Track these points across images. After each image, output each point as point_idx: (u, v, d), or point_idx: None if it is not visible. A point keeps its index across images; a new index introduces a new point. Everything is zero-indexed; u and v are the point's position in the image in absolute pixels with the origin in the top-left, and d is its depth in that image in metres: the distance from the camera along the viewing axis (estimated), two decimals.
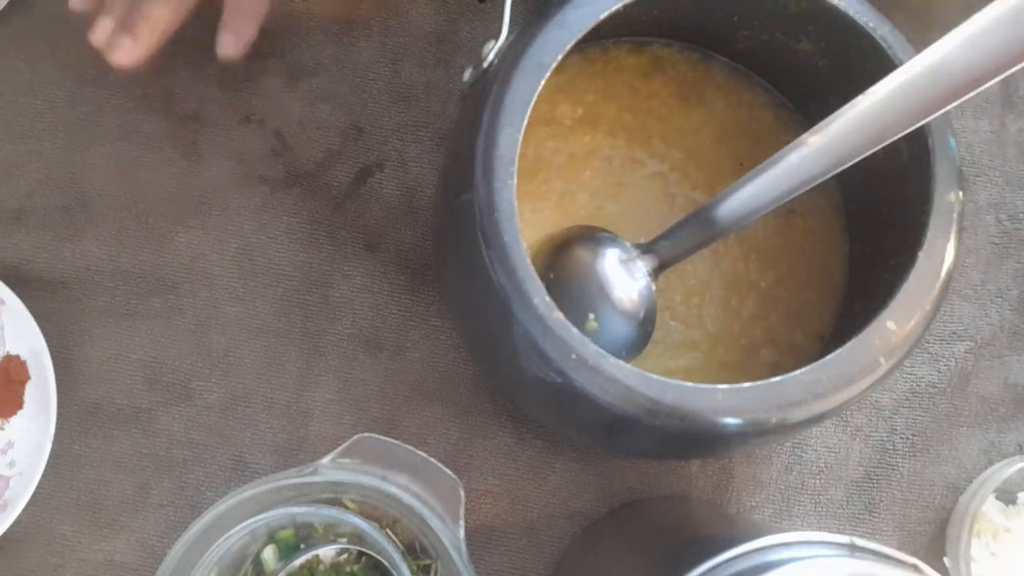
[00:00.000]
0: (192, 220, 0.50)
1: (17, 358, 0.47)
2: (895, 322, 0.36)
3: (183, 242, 0.50)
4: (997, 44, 0.29)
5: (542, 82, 0.37)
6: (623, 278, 0.41)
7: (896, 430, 0.49)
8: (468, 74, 0.41)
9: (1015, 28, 0.29)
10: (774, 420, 0.35)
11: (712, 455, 0.48)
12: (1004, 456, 0.49)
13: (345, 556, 0.43)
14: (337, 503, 0.40)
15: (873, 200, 0.44)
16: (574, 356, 0.35)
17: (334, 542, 0.42)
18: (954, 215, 0.38)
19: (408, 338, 0.49)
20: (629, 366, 0.35)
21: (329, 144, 0.51)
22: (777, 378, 0.35)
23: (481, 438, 0.48)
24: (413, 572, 0.39)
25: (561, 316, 0.35)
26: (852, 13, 0.39)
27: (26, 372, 0.47)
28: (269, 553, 0.42)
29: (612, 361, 0.35)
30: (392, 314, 0.49)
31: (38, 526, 0.47)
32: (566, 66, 0.43)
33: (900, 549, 0.31)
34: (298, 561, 0.42)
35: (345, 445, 0.41)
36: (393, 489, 0.39)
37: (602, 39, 0.46)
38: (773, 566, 0.31)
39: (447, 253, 0.42)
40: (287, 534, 0.42)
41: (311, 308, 0.49)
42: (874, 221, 0.44)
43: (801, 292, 0.46)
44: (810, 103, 0.46)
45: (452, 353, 0.49)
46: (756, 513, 0.49)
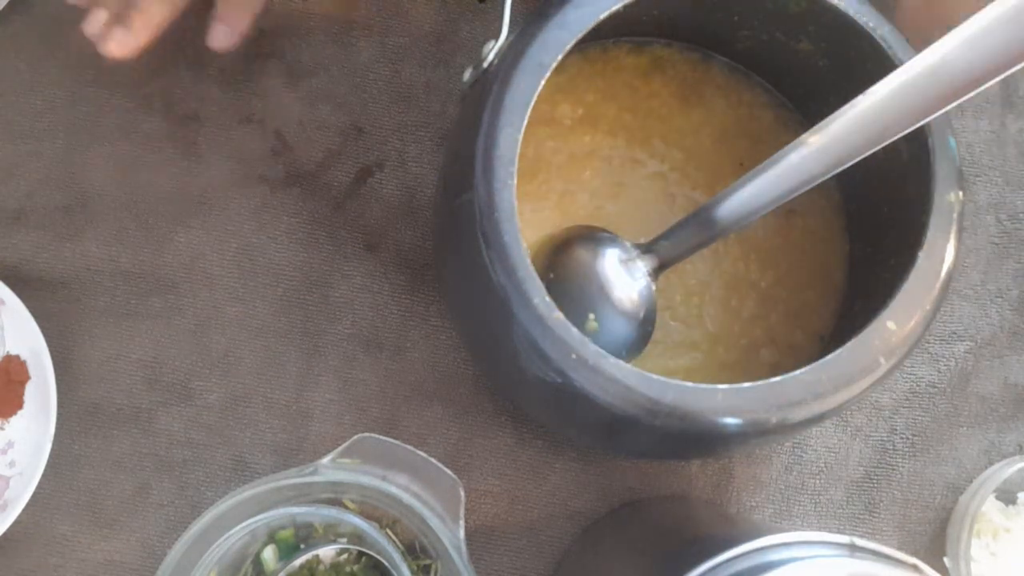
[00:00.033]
0: (192, 220, 0.50)
1: (17, 358, 0.47)
2: (895, 322, 0.36)
3: (183, 242, 0.50)
4: (997, 44, 0.29)
5: (542, 82, 0.37)
6: (623, 278, 0.41)
7: (896, 430, 0.49)
8: (468, 74, 0.41)
9: (1015, 28, 0.29)
10: (774, 420, 0.35)
11: (712, 455, 0.48)
12: (1004, 456, 0.49)
13: (345, 556, 0.43)
14: (337, 503, 0.40)
15: (873, 200, 0.44)
16: (574, 356, 0.35)
17: (334, 542, 0.42)
18: (954, 215, 0.37)
19: (408, 338, 0.49)
20: (629, 366, 0.35)
21: (329, 144, 0.51)
22: (777, 378, 0.35)
23: (481, 438, 0.48)
24: (413, 572, 0.39)
25: (561, 316, 0.35)
26: (852, 13, 0.39)
27: (26, 372, 0.47)
28: (269, 553, 0.42)
29: (612, 361, 0.35)
30: (392, 314, 0.49)
31: (38, 526, 0.47)
32: (566, 66, 0.43)
33: (900, 549, 0.31)
34: (298, 561, 0.42)
35: (345, 445, 0.41)
36: (393, 489, 0.39)
37: (602, 39, 0.46)
38: (773, 566, 0.31)
39: (447, 253, 0.42)
40: (287, 534, 0.42)
41: (311, 308, 0.49)
42: (874, 221, 0.44)
43: (801, 292, 0.46)
44: (810, 103, 0.46)
45: (452, 353, 0.49)
46: (756, 513, 0.49)
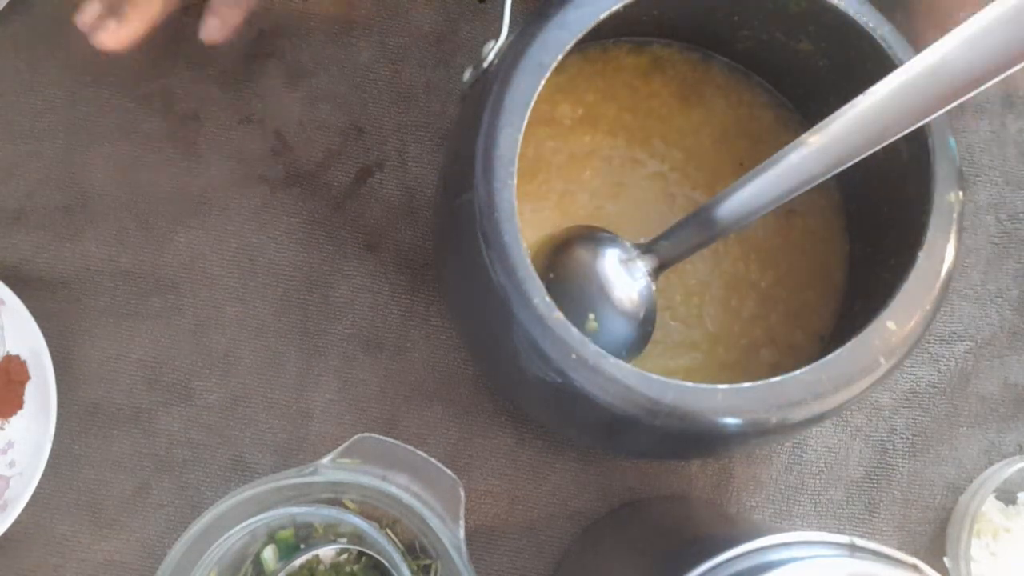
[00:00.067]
0: (192, 220, 0.50)
1: (17, 358, 0.47)
2: (895, 322, 0.36)
3: (183, 242, 0.50)
4: (997, 44, 0.29)
5: (542, 82, 0.37)
6: (623, 278, 0.41)
7: (896, 430, 0.49)
8: (468, 74, 0.41)
9: (1015, 28, 0.29)
10: (774, 420, 0.35)
11: (712, 455, 0.48)
12: (1004, 456, 0.49)
13: (345, 556, 0.43)
14: (337, 503, 0.40)
15: (873, 200, 0.44)
16: (574, 356, 0.35)
17: (334, 542, 0.42)
18: (954, 215, 0.38)
19: (408, 338, 0.49)
20: (629, 366, 0.35)
21: (329, 144, 0.51)
22: (777, 378, 0.35)
23: (481, 438, 0.48)
24: (413, 572, 0.39)
25: (561, 316, 0.35)
26: (852, 13, 0.39)
27: (26, 372, 0.47)
28: (269, 553, 0.42)
29: (612, 361, 0.35)
30: (392, 314, 0.49)
31: (38, 526, 0.47)
32: (566, 66, 0.43)
33: (900, 549, 0.31)
34: (298, 561, 0.42)
35: (345, 445, 0.41)
36: (393, 489, 0.39)
37: (602, 39, 0.46)
38: (773, 566, 0.31)
39: (447, 253, 0.42)
40: (287, 534, 0.42)
41: (311, 308, 0.49)
42: (874, 221, 0.44)
43: (801, 292, 0.46)
44: (810, 103, 0.46)
45: (452, 353, 0.49)
46: (756, 513, 0.49)
